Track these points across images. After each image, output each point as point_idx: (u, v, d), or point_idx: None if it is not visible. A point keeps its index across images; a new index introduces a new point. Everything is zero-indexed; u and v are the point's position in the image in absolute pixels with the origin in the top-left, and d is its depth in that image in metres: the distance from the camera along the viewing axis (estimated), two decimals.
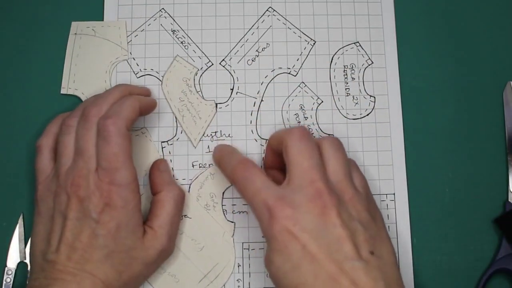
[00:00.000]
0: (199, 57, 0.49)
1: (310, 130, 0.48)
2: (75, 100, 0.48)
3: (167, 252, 0.43)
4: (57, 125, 0.44)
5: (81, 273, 0.38)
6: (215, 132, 0.47)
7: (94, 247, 0.39)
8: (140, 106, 0.43)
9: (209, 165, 0.47)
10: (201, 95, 0.48)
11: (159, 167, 0.45)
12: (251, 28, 0.49)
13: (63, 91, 0.48)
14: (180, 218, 0.45)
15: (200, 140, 0.47)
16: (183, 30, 0.49)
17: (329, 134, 0.48)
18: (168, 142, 0.47)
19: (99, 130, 0.40)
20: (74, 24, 0.49)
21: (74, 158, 0.41)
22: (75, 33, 0.49)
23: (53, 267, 0.39)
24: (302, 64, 0.49)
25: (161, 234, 0.42)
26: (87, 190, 0.39)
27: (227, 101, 0.48)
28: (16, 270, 0.45)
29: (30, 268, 0.41)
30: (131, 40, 0.49)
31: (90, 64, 0.48)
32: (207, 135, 0.47)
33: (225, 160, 0.44)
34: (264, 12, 0.50)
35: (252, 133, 0.48)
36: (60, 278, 0.38)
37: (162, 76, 0.48)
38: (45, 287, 0.38)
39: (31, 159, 0.44)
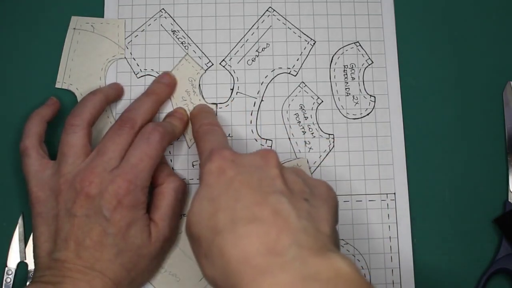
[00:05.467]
0: (199, 57, 0.49)
1: (310, 130, 0.48)
2: (69, 95, 0.48)
3: (169, 242, 0.43)
4: (37, 123, 0.44)
5: (91, 272, 0.38)
6: None
7: (104, 245, 0.39)
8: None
9: None
10: (203, 97, 0.48)
11: None
12: (251, 28, 0.49)
13: (57, 85, 0.48)
14: (181, 208, 0.45)
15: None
16: (183, 31, 0.49)
17: (329, 134, 0.48)
18: None
19: (144, 133, 0.42)
20: (73, 19, 0.49)
21: (92, 156, 0.41)
22: (74, 28, 0.49)
23: (62, 265, 0.39)
24: (302, 64, 0.49)
25: (163, 227, 0.42)
26: (100, 187, 0.39)
27: (227, 101, 0.48)
28: (16, 270, 0.45)
29: (34, 267, 0.41)
30: (131, 40, 0.49)
31: (86, 60, 0.48)
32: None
33: (197, 118, 0.45)
34: (264, 12, 0.50)
35: (252, 133, 0.48)
36: (69, 276, 0.38)
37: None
38: (56, 284, 0.38)
39: None
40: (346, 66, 0.49)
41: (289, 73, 0.49)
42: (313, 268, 0.30)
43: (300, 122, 0.48)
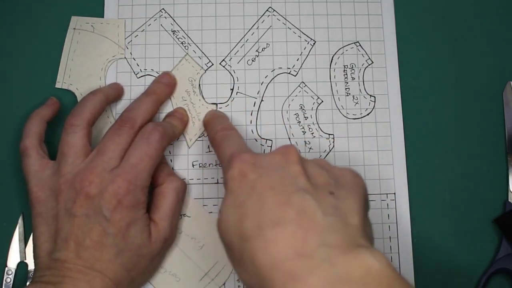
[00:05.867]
0: (199, 57, 0.49)
1: (310, 130, 0.48)
2: (69, 95, 0.48)
3: (169, 241, 0.43)
4: (37, 123, 0.44)
5: (91, 272, 0.38)
6: None
7: (104, 245, 0.39)
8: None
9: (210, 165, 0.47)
10: (203, 97, 0.48)
11: None
12: (251, 28, 0.49)
13: (57, 85, 0.48)
14: (181, 208, 0.45)
15: (195, 141, 0.47)
16: (183, 31, 0.49)
17: (329, 134, 0.48)
18: None
19: (144, 133, 0.42)
20: (73, 19, 0.49)
21: (91, 156, 0.41)
22: (74, 28, 0.49)
23: (62, 265, 0.39)
24: (302, 64, 0.49)
25: (163, 227, 0.42)
26: (99, 187, 0.39)
27: (227, 101, 0.48)
28: (16, 270, 0.45)
29: (34, 267, 0.41)
30: (131, 40, 0.49)
31: (86, 60, 0.48)
32: (207, 135, 0.47)
33: (211, 124, 0.45)
34: (264, 12, 0.50)
35: (252, 133, 0.48)
36: (69, 276, 0.38)
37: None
38: (56, 284, 0.38)
39: None
40: (346, 66, 0.49)
41: (289, 73, 0.49)
42: (343, 269, 0.29)
43: (300, 122, 0.48)
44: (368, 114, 0.48)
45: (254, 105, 0.48)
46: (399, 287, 0.29)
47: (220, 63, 0.49)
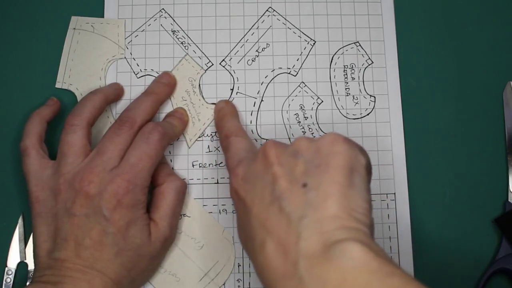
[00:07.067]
0: (199, 57, 0.49)
1: (310, 130, 0.48)
2: (69, 95, 0.48)
3: (169, 241, 0.43)
4: (37, 123, 0.44)
5: (91, 271, 0.38)
6: (215, 132, 0.47)
7: (104, 245, 0.39)
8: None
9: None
10: (203, 97, 0.48)
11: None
12: (251, 28, 0.49)
13: (57, 85, 0.48)
14: (181, 208, 0.45)
15: (195, 141, 0.47)
16: (183, 31, 0.49)
17: None
18: None
19: (144, 133, 0.42)
20: (73, 19, 0.49)
21: (91, 156, 0.41)
22: (74, 28, 0.49)
23: (62, 264, 0.39)
24: (302, 64, 0.49)
25: (163, 226, 0.42)
26: (99, 186, 0.40)
27: None
28: (16, 270, 0.45)
29: (34, 267, 0.41)
30: (131, 41, 0.49)
31: (86, 60, 0.48)
32: (207, 135, 0.47)
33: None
34: (264, 12, 0.50)
35: (252, 133, 0.48)
36: (69, 276, 0.38)
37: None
38: (56, 284, 0.38)
39: None
40: (346, 66, 0.49)
41: (289, 73, 0.49)
42: (322, 280, 0.30)
43: (300, 122, 0.48)
44: (368, 114, 0.48)
45: (254, 105, 0.48)
46: (377, 281, 0.29)
47: (220, 63, 0.49)
